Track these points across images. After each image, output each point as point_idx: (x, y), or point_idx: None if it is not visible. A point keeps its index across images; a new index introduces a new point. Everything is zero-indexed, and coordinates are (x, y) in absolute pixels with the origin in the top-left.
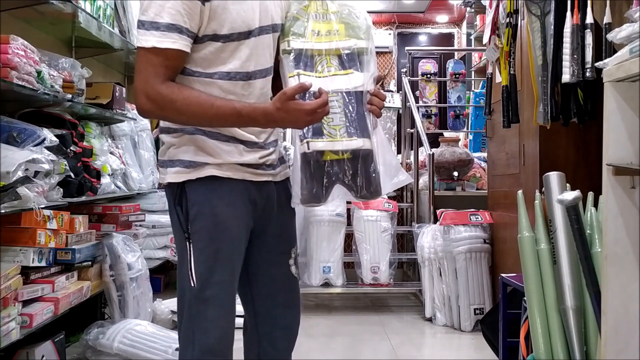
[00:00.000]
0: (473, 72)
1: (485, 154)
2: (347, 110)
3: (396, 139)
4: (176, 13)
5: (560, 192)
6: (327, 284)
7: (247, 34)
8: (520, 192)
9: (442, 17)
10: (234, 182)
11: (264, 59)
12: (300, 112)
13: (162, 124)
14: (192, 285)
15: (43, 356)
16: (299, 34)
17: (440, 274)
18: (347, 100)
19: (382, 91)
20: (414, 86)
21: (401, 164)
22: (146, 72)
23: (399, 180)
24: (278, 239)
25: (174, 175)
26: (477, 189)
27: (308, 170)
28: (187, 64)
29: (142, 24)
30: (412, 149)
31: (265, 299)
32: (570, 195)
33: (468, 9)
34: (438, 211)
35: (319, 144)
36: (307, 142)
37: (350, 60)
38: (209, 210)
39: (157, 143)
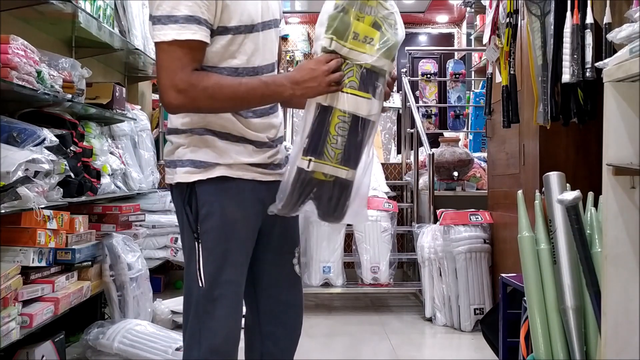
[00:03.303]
0: (473, 72)
1: (485, 154)
2: (350, 136)
3: (396, 139)
4: (193, 4)
5: (560, 192)
6: (327, 284)
7: (251, 28)
8: (520, 192)
9: (442, 17)
10: (244, 182)
11: (269, 54)
12: (317, 64)
13: (170, 124)
14: (200, 285)
15: (43, 356)
16: (340, 32)
17: (440, 274)
18: (355, 125)
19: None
20: (414, 86)
21: (401, 164)
22: (172, 67)
23: (360, 216)
24: (282, 238)
25: (184, 175)
26: (477, 189)
27: (298, 184)
28: None
29: (157, 20)
30: (412, 149)
31: (269, 298)
32: (570, 195)
33: (468, 9)
34: (438, 211)
35: (319, 166)
36: (310, 161)
37: (369, 79)
38: (220, 211)
39: (157, 143)
